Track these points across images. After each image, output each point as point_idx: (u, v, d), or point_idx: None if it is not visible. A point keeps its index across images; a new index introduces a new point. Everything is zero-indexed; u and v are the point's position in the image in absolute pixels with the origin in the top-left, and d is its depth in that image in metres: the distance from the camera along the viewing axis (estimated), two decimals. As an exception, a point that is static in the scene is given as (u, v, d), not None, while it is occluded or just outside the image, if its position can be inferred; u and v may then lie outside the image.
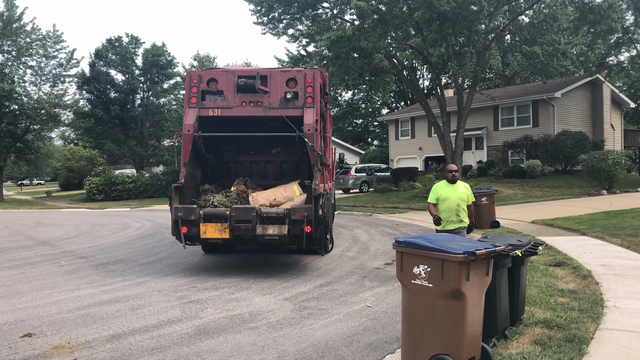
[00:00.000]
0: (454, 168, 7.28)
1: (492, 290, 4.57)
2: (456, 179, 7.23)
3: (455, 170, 7.25)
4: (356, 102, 53.05)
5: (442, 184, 7.30)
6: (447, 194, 7.16)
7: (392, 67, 24.76)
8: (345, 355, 4.91)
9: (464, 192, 7.18)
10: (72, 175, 52.68)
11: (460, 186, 7.24)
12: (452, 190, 7.18)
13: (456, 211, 7.13)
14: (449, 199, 7.13)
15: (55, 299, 7.29)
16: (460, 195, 7.15)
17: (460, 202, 7.12)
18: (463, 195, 7.16)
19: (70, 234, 15.92)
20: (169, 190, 8.61)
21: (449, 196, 7.14)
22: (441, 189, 7.23)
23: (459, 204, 7.12)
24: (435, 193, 7.28)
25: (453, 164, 7.14)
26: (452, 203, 7.11)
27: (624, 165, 22.32)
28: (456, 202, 7.12)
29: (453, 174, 7.20)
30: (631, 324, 5.20)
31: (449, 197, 7.13)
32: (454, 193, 7.16)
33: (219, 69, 9.67)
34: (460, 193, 7.16)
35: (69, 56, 39.49)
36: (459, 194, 7.15)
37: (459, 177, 7.23)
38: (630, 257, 8.58)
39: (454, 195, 7.14)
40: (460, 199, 7.14)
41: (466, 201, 7.19)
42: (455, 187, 7.20)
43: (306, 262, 9.86)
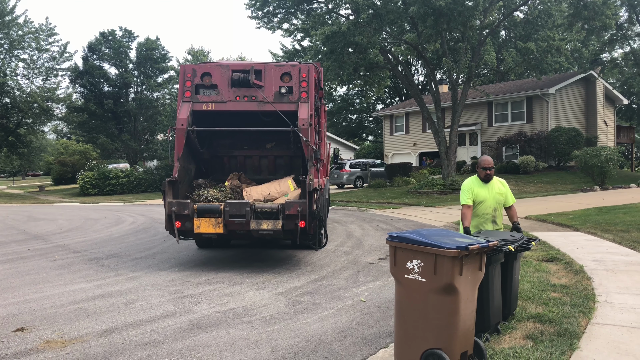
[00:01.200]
0: (488, 164, 5.62)
1: (485, 285, 4.59)
2: (491, 178, 5.70)
3: (490, 167, 5.62)
4: (351, 98, 53.03)
5: (476, 182, 5.72)
6: (482, 195, 5.66)
7: (387, 62, 24.74)
8: (339, 349, 4.92)
9: (501, 193, 5.72)
10: (65, 169, 52.39)
11: (496, 185, 5.74)
12: (488, 191, 5.68)
13: (492, 217, 5.74)
14: (484, 202, 5.68)
15: (47, 294, 7.26)
16: (497, 197, 5.70)
17: (497, 206, 5.75)
18: (500, 197, 5.72)
19: (63, 228, 15.85)
20: (163, 184, 8.58)
21: (485, 198, 5.67)
22: (477, 188, 5.68)
23: (495, 208, 5.73)
24: (470, 192, 5.64)
25: (488, 157, 5.68)
26: (487, 207, 5.70)
27: (616, 161, 22.46)
28: (492, 205, 5.71)
29: (487, 173, 5.63)
30: (622, 318, 5.24)
31: (485, 200, 5.67)
32: (490, 194, 5.68)
33: (213, 63, 9.63)
34: (496, 195, 5.70)
35: (62, 49, 39.24)
36: (495, 196, 5.69)
37: (492, 174, 5.70)
38: (622, 253, 8.64)
39: (490, 197, 5.68)
40: (497, 202, 5.72)
41: (502, 202, 5.77)
42: (490, 186, 5.70)
43: (300, 257, 9.87)
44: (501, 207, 5.79)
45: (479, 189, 5.66)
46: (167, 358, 4.74)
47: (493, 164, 5.66)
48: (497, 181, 5.80)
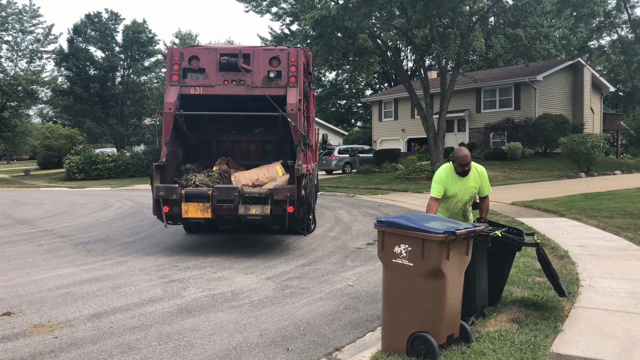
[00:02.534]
0: (466, 160, 5.24)
1: (471, 271, 4.64)
2: (468, 173, 5.35)
3: (467, 163, 5.26)
4: (340, 83, 52.90)
5: (450, 173, 5.38)
6: (455, 189, 5.38)
7: (376, 47, 24.66)
8: (327, 333, 4.96)
9: (475, 186, 5.42)
10: (51, 153, 51.78)
11: (472, 177, 5.40)
12: (462, 184, 5.39)
13: (463, 212, 5.50)
14: (456, 196, 5.42)
15: (34, 278, 7.22)
16: (471, 190, 5.41)
17: (469, 199, 5.48)
18: (474, 189, 5.43)
19: (49, 213, 15.73)
20: (150, 169, 8.52)
21: (457, 192, 5.39)
22: (449, 180, 5.37)
23: (467, 202, 5.47)
24: (441, 185, 5.36)
25: (465, 150, 5.31)
26: (458, 201, 5.45)
27: (602, 148, 22.67)
28: (465, 199, 5.45)
29: (465, 169, 5.29)
30: (605, 302, 5.34)
31: (457, 194, 5.41)
32: (463, 187, 5.39)
33: (201, 47, 9.54)
34: (470, 187, 5.39)
35: (47, 32, 38.68)
36: (469, 189, 5.40)
37: (470, 169, 5.34)
38: (606, 238, 8.76)
39: (463, 190, 5.40)
40: (471, 196, 5.45)
41: (475, 196, 5.51)
42: (465, 179, 5.38)
43: (288, 242, 9.90)
44: (472, 199, 5.51)
45: (452, 182, 5.36)
46: (156, 342, 4.75)
47: (470, 158, 5.28)
48: (475, 171, 5.40)
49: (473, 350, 4.12)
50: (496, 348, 4.16)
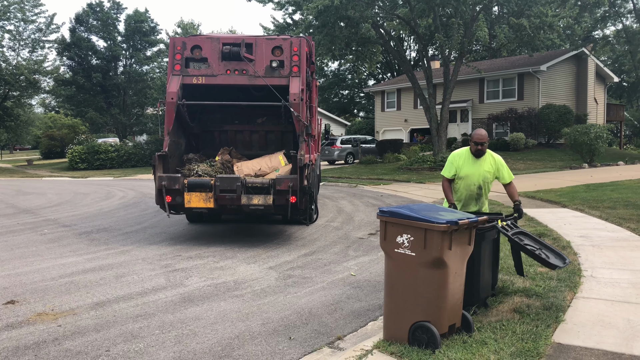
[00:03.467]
0: (481, 139, 5.23)
1: (476, 261, 4.64)
2: (483, 153, 5.31)
3: (482, 142, 5.23)
4: (342, 73, 52.68)
5: (465, 155, 5.39)
6: (467, 170, 5.35)
7: (379, 37, 24.53)
8: (329, 322, 4.98)
9: (489, 171, 5.33)
10: (53, 143, 51.84)
11: (487, 162, 5.34)
12: (476, 167, 5.33)
13: (476, 196, 5.41)
14: (468, 178, 5.35)
15: (38, 267, 7.26)
16: (484, 174, 5.32)
17: (484, 185, 5.37)
18: (488, 175, 5.33)
19: (52, 202, 15.77)
20: (153, 159, 8.53)
21: (469, 174, 5.34)
22: (462, 162, 5.37)
23: (480, 186, 5.36)
24: (452, 165, 5.38)
25: (482, 131, 5.31)
26: (471, 184, 5.36)
27: (605, 139, 22.60)
28: (477, 183, 5.34)
29: (478, 148, 5.25)
30: (606, 292, 5.35)
31: (469, 176, 5.34)
32: (476, 171, 5.32)
33: (203, 36, 9.50)
34: (484, 172, 5.31)
35: (49, 21, 38.57)
36: (482, 173, 5.32)
37: (486, 149, 5.34)
38: (608, 229, 8.76)
39: (476, 173, 5.32)
40: (484, 180, 5.35)
41: (491, 181, 5.41)
42: (480, 162, 5.33)
43: (291, 232, 9.92)
44: (487, 185, 5.40)
45: (465, 163, 5.34)
46: (159, 330, 4.78)
47: (487, 138, 5.26)
48: (490, 157, 5.37)
49: (475, 340, 4.13)
50: (498, 337, 4.18)
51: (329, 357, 4.16)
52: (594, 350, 4.00)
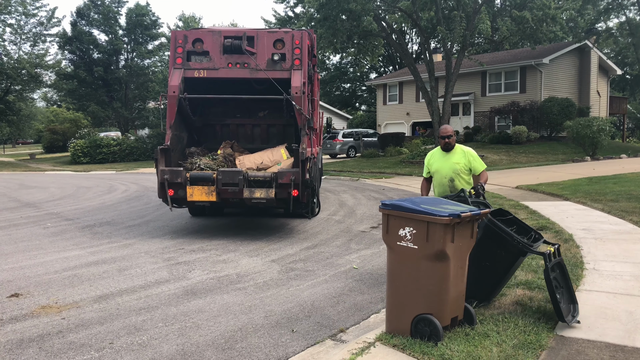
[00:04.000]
0: (446, 132, 5.55)
1: (510, 265, 4.68)
2: (451, 146, 5.60)
3: (448, 135, 5.54)
4: (344, 66, 52.54)
5: (436, 152, 5.78)
6: (436, 165, 5.68)
7: (381, 30, 24.44)
8: (331, 315, 5.00)
9: (458, 162, 5.54)
10: (55, 137, 51.89)
11: (456, 154, 5.60)
12: (444, 161, 5.63)
13: (449, 188, 5.57)
14: (439, 172, 5.64)
15: (41, 260, 7.29)
16: (453, 166, 5.54)
17: (454, 176, 5.55)
18: (457, 166, 5.53)
19: (55, 196, 15.80)
20: (155, 152, 8.54)
21: (439, 168, 5.64)
22: (432, 158, 5.76)
23: (452, 178, 5.56)
24: (425, 164, 5.82)
25: (447, 126, 5.61)
26: (442, 177, 5.62)
27: (608, 132, 22.53)
28: (448, 175, 5.57)
29: (446, 141, 5.56)
30: (609, 285, 5.35)
31: (439, 170, 5.64)
32: (445, 164, 5.61)
33: (205, 29, 9.48)
34: (452, 164, 5.55)
35: (50, 14, 38.53)
36: (451, 165, 5.56)
37: (454, 142, 5.64)
38: (611, 222, 8.75)
39: (445, 166, 5.60)
40: (454, 172, 5.54)
41: (463, 172, 5.54)
42: (449, 155, 5.62)
43: (293, 225, 9.93)
44: (460, 177, 5.54)
45: (435, 159, 5.71)
46: (162, 323, 4.80)
47: (452, 132, 5.57)
48: (460, 150, 5.61)
49: (477, 332, 4.14)
50: (500, 330, 4.19)
51: (331, 349, 4.17)
52: (596, 342, 4.00)
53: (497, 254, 4.60)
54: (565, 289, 4.56)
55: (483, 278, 4.71)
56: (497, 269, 4.69)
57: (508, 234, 4.46)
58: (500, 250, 4.56)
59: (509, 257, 4.62)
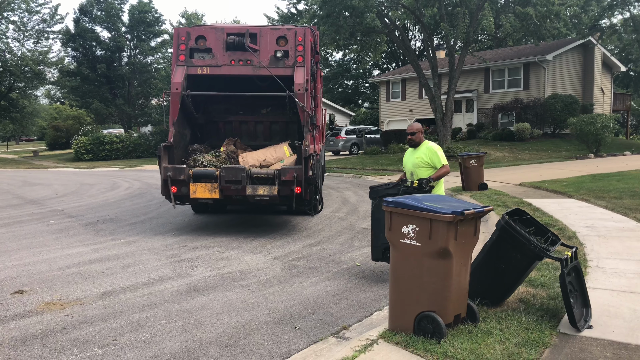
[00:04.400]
0: (411, 129, 6.06)
1: (523, 267, 4.62)
2: (415, 143, 6.03)
3: (412, 132, 6.03)
4: (347, 63, 52.46)
5: (408, 149, 6.28)
6: (404, 160, 6.26)
7: (384, 27, 24.39)
8: (334, 312, 5.00)
9: (418, 157, 5.96)
10: (59, 134, 52.03)
11: (420, 150, 6.01)
12: (409, 156, 6.17)
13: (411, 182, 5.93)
14: (405, 167, 6.21)
15: (45, 257, 7.31)
16: (414, 161, 6.00)
17: (414, 170, 5.97)
18: (417, 160, 5.96)
19: (58, 193, 15.84)
20: (158, 149, 8.55)
21: (405, 163, 6.20)
22: (405, 154, 6.32)
23: (412, 172, 6.01)
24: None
25: (415, 124, 6.15)
26: (408, 171, 6.16)
27: (611, 129, 22.50)
28: (409, 170, 6.07)
29: (409, 138, 6.05)
30: (612, 283, 5.34)
31: (405, 165, 6.21)
32: (409, 159, 6.13)
33: (208, 26, 9.47)
34: (414, 159, 6.01)
35: (53, 12, 38.52)
36: (412, 160, 6.03)
37: (420, 139, 6.03)
38: (614, 219, 8.73)
39: (409, 162, 6.11)
40: (414, 166, 5.98)
41: (421, 167, 5.92)
42: (415, 151, 6.08)
43: (296, 222, 9.93)
44: (419, 170, 5.92)
45: (405, 155, 6.26)
46: (165, 320, 4.81)
47: (416, 129, 6.04)
48: (425, 146, 6.00)
49: (480, 330, 4.14)
50: (503, 327, 4.18)
51: (334, 346, 4.18)
52: (600, 340, 4.00)
53: (512, 257, 4.51)
54: (579, 293, 4.48)
55: (497, 280, 4.67)
56: (512, 271, 4.61)
57: (525, 238, 4.38)
58: (516, 253, 4.48)
59: (525, 261, 4.53)
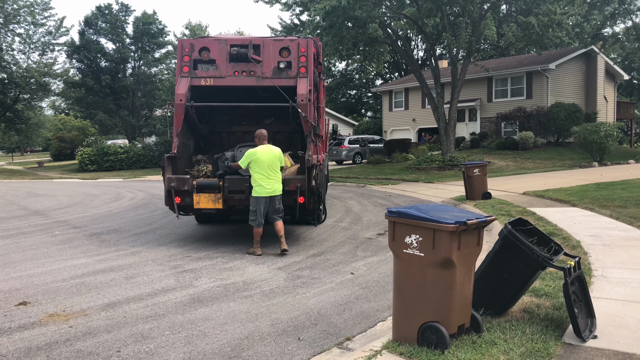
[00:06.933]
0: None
1: (526, 276, 4.61)
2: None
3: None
4: (350, 73, 52.58)
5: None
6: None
7: (387, 37, 24.48)
8: (338, 322, 4.99)
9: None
10: (63, 145, 52.25)
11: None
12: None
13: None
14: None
15: (49, 268, 7.32)
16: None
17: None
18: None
19: (63, 204, 15.89)
20: (162, 160, 8.59)
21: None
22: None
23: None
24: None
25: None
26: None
27: (615, 137, 22.45)
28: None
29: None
30: (618, 292, 5.31)
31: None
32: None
33: (211, 38, 9.54)
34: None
35: (58, 24, 38.79)
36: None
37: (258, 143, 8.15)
38: (619, 228, 8.69)
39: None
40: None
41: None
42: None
43: (299, 232, 9.93)
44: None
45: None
46: (169, 331, 4.81)
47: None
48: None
49: (484, 340, 4.12)
50: (507, 338, 4.17)
51: (338, 357, 4.17)
52: (605, 350, 3.98)
53: (515, 266, 4.51)
54: (583, 303, 4.46)
55: (500, 289, 4.66)
56: (515, 281, 4.60)
57: (528, 247, 4.38)
58: (519, 262, 4.47)
59: (528, 270, 4.53)
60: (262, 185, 7.77)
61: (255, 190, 7.82)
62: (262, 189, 7.78)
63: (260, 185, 7.78)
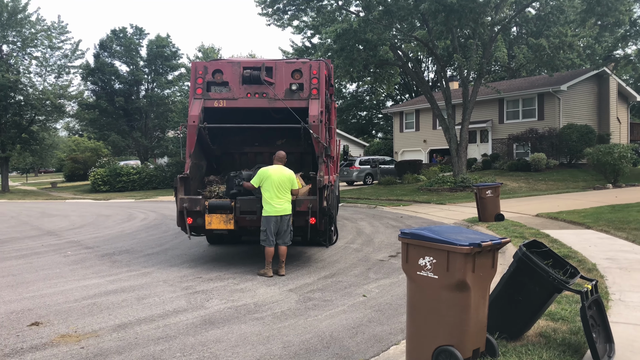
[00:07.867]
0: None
1: (542, 299, 4.54)
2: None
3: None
4: (360, 95, 52.90)
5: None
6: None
7: (397, 59, 24.66)
8: (350, 346, 4.93)
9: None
10: (76, 166, 52.85)
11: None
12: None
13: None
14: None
15: (61, 289, 7.34)
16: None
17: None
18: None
19: (75, 224, 16.00)
20: (175, 181, 8.63)
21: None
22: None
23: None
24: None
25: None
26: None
27: (629, 159, 22.24)
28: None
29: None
30: (636, 317, 5.20)
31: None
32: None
33: (224, 60, 9.66)
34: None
35: (74, 47, 39.44)
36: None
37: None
38: (636, 251, 8.55)
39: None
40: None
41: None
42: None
43: (310, 253, 9.89)
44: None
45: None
46: (180, 353, 4.77)
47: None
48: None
49: (500, 365, 4.04)
50: (524, 363, 4.08)
51: (351, 381, 4.10)
52: (625, 376, 3.87)
53: (531, 289, 4.44)
54: (602, 327, 4.37)
55: (515, 313, 4.58)
56: (530, 304, 4.53)
57: (543, 270, 4.31)
58: (534, 285, 4.40)
59: (544, 293, 4.45)
60: (272, 205, 7.81)
61: (265, 209, 7.86)
62: (271, 207, 7.81)
63: (269, 204, 7.82)
